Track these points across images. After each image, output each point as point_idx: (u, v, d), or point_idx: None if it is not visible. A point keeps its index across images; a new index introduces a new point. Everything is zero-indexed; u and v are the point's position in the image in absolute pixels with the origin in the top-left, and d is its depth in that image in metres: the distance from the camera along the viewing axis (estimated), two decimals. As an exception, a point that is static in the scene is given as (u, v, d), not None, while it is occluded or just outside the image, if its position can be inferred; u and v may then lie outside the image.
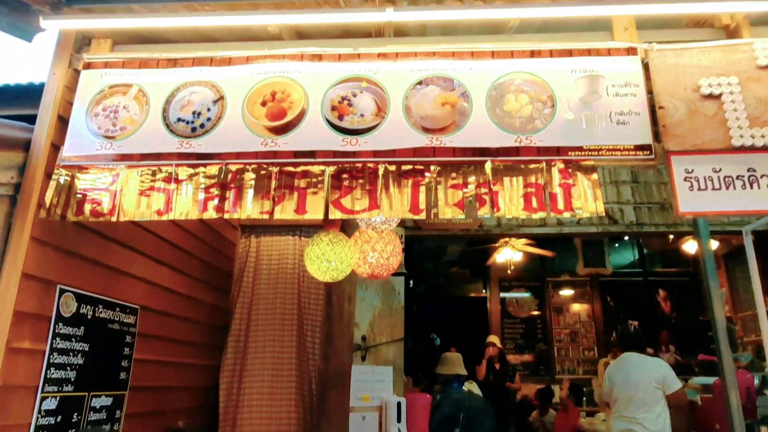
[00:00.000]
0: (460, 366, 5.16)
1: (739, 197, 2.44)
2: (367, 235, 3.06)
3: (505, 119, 2.61)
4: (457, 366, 5.14)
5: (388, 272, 3.08)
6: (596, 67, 2.67)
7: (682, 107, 2.53)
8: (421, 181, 2.55)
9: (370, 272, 3.07)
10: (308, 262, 2.96)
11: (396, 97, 2.69)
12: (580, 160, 2.54)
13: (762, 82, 2.53)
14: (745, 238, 3.45)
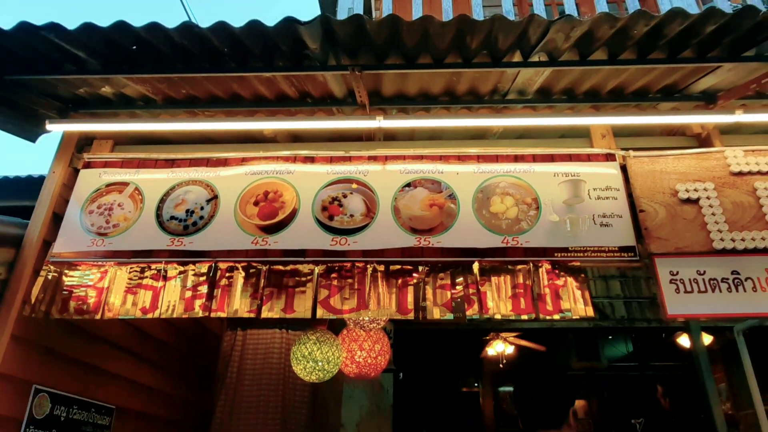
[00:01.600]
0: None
1: (726, 300, 2.46)
2: (354, 333, 3.02)
3: (492, 221, 2.68)
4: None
5: (376, 372, 3.00)
6: (577, 172, 2.79)
7: (662, 211, 2.61)
8: (410, 281, 2.56)
9: (358, 372, 2.98)
10: (294, 362, 2.88)
11: (385, 198, 2.77)
12: (566, 261, 2.58)
13: (737, 188, 2.64)
14: (737, 338, 3.43)
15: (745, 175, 2.67)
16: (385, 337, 3.11)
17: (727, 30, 2.21)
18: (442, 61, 2.50)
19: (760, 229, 2.52)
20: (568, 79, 2.67)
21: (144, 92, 2.92)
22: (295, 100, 2.95)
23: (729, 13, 2.06)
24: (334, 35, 2.35)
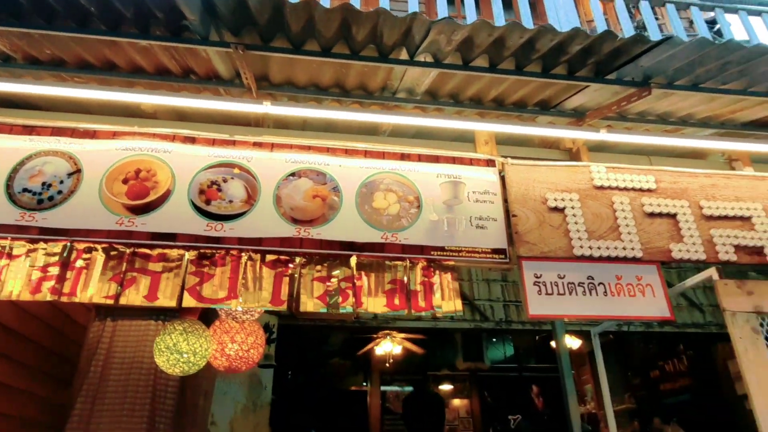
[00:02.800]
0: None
1: (582, 302, 2.66)
2: (227, 325, 2.89)
3: (373, 216, 2.69)
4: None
5: (248, 366, 2.89)
6: (459, 174, 2.88)
7: (533, 217, 2.77)
8: (286, 272, 2.50)
9: (228, 365, 2.85)
10: (157, 353, 2.69)
11: (267, 186, 2.68)
12: (442, 259, 2.65)
13: (598, 200, 2.86)
14: (593, 339, 3.72)
15: (606, 189, 2.90)
16: (260, 329, 3.01)
17: (592, 51, 2.40)
18: (329, 50, 2.46)
19: (614, 239, 2.75)
20: (454, 83, 2.75)
21: (1, 48, 2.60)
22: (177, 75, 2.78)
23: (592, 36, 2.23)
24: (214, 8, 2.23)
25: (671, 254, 2.75)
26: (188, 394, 3.28)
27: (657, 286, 2.72)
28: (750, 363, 2.34)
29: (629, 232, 2.78)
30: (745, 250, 2.79)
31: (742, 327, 2.43)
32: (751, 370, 2.32)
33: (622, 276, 2.73)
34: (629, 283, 2.72)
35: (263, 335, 3.02)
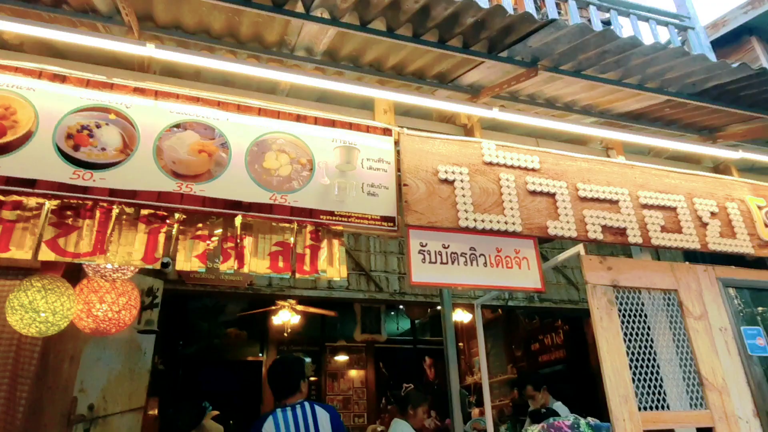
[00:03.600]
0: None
1: (463, 272, 2.76)
2: (96, 284, 2.68)
3: (263, 176, 2.60)
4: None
5: (118, 328, 2.71)
6: (354, 141, 2.85)
7: (423, 187, 2.81)
8: (162, 228, 2.35)
9: (95, 327, 2.66)
10: (9, 312, 2.44)
11: (148, 135, 2.49)
12: (331, 224, 2.62)
13: (486, 176, 2.97)
14: (476, 310, 3.91)
15: (494, 166, 3.01)
16: (134, 290, 2.83)
17: (484, 26, 2.46)
18: (219, -8, 2.30)
19: (498, 213, 2.87)
20: (353, 45, 2.71)
21: None
22: (47, 4, 2.47)
23: (484, 8, 2.28)
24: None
25: (548, 230, 2.93)
26: (51, 357, 3.02)
27: (532, 259, 2.90)
28: (603, 330, 2.57)
29: (512, 207, 2.92)
30: (610, 231, 3.03)
31: (600, 298, 2.65)
32: (604, 337, 2.55)
33: (502, 249, 2.87)
34: (508, 256, 2.86)
35: (137, 296, 2.84)
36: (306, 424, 3.08)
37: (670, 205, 3.23)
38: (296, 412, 3.10)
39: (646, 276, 2.85)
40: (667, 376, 2.75)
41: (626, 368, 2.52)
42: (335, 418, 3.11)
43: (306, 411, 3.12)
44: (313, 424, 3.08)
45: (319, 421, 3.11)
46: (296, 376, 3.16)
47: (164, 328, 5.16)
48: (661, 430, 2.77)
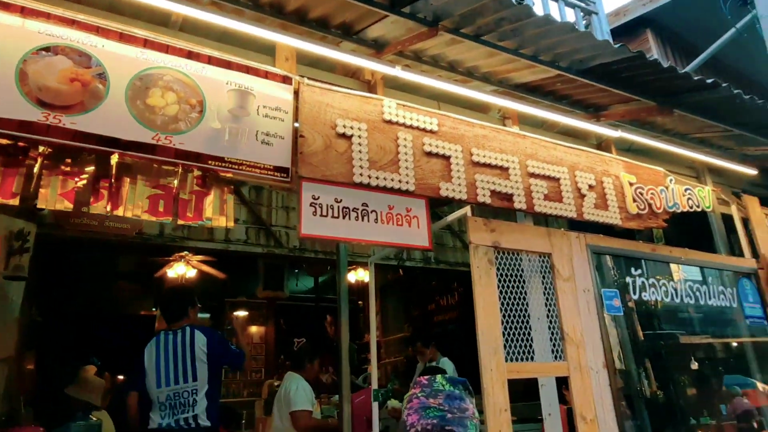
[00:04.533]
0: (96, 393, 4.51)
1: (354, 227, 2.78)
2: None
3: (146, 113, 2.42)
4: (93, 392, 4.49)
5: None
6: (251, 86, 2.73)
7: (320, 140, 2.77)
8: (22, 161, 2.13)
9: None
10: None
11: (9, 57, 2.21)
12: (219, 170, 2.52)
13: (384, 133, 2.98)
14: (369, 268, 3.98)
15: (393, 124, 3.03)
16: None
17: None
18: None
19: (392, 172, 2.91)
20: (251, -19, 2.57)
21: None
22: None
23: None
24: None
25: (440, 191, 3.02)
26: None
27: (423, 218, 2.98)
28: (482, 288, 2.72)
29: (407, 167, 2.96)
30: (498, 196, 3.18)
31: (481, 258, 2.80)
32: (481, 295, 2.71)
33: (394, 206, 2.91)
34: (399, 214, 2.92)
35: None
36: (183, 346, 3.18)
37: (555, 175, 3.44)
38: (177, 335, 3.24)
39: (525, 239, 3.04)
40: (537, 331, 2.98)
41: (498, 324, 2.70)
42: (212, 341, 3.24)
43: (186, 334, 3.22)
44: (190, 346, 3.18)
45: (196, 343, 3.20)
46: (184, 302, 3.40)
47: (41, 276, 4.77)
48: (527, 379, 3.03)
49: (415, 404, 1.52)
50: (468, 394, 1.54)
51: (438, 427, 1.45)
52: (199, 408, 3.12)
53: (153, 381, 3.17)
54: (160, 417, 3.15)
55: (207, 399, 3.16)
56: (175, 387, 3.11)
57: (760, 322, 4.04)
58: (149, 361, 3.22)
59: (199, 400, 3.13)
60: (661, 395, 3.85)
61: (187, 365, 3.14)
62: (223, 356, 3.35)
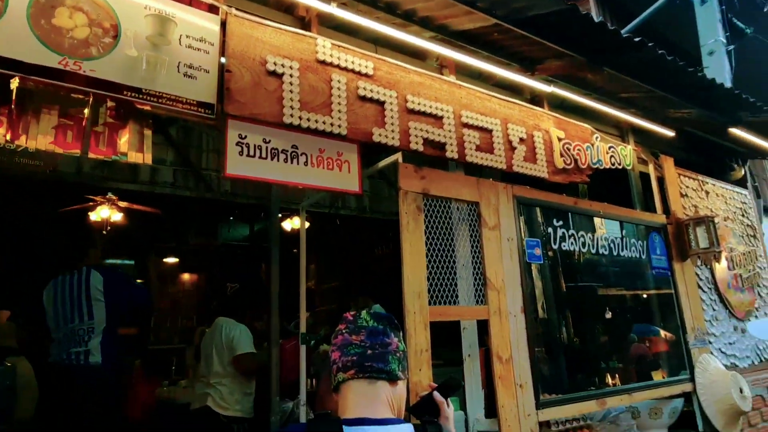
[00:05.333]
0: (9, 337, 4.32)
1: (283, 169, 2.72)
2: None
3: (52, 35, 2.20)
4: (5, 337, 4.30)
5: None
6: (174, 12, 2.53)
7: (248, 76, 2.63)
8: None
9: None
10: None
11: None
12: (136, 102, 2.35)
13: (317, 74, 2.88)
14: (300, 213, 3.94)
15: (327, 65, 2.93)
16: None
17: None
18: None
19: (324, 114, 2.83)
20: None
21: None
22: None
23: None
24: None
25: (372, 137, 2.98)
26: None
27: (354, 163, 2.95)
28: (409, 234, 2.76)
29: (340, 110, 2.89)
30: (431, 144, 3.18)
31: (410, 204, 2.82)
32: (408, 240, 2.75)
33: (325, 150, 2.86)
34: (330, 158, 2.88)
35: None
36: (79, 287, 3.31)
37: (488, 127, 3.48)
38: (73, 276, 3.34)
39: (454, 187, 3.09)
40: (462, 277, 3.09)
41: (424, 269, 2.77)
42: (109, 280, 3.38)
43: (82, 275, 3.34)
44: (85, 286, 3.31)
45: (92, 283, 3.33)
46: (83, 243, 3.46)
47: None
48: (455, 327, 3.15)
49: (338, 341, 1.52)
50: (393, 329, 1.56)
51: (357, 363, 1.46)
52: (92, 344, 3.29)
53: (52, 320, 3.31)
54: (57, 351, 3.29)
55: (104, 337, 3.33)
56: (71, 325, 3.31)
57: (664, 273, 4.38)
58: (48, 302, 3.42)
59: (94, 338, 3.31)
60: (578, 342, 4.13)
61: (83, 304, 3.34)
62: (123, 295, 3.50)
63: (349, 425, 1.35)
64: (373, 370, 1.44)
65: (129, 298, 3.62)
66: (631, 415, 3.88)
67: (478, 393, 3.04)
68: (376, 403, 1.42)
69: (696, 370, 4.08)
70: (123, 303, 3.54)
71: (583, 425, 3.48)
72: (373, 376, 1.44)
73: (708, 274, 4.76)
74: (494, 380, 2.84)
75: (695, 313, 4.38)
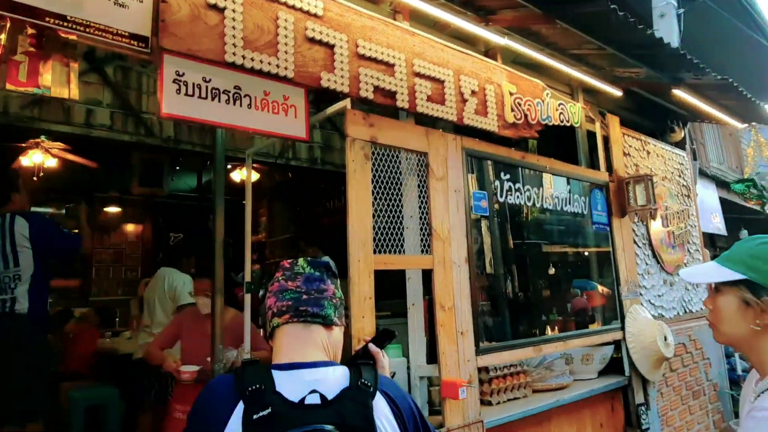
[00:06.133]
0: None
1: (225, 111, 2.59)
2: None
3: (-43, -53, 1.96)
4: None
5: None
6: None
7: (186, 8, 2.45)
8: None
9: None
10: None
11: None
12: (60, 30, 2.15)
13: (263, 11, 2.71)
14: (246, 160, 3.82)
15: (273, 2, 2.76)
16: None
17: None
18: None
19: (270, 55, 2.69)
20: None
21: None
22: None
23: None
24: None
25: (320, 82, 2.87)
26: None
27: (301, 108, 2.85)
28: (356, 182, 2.72)
29: (287, 51, 2.75)
30: (382, 92, 3.10)
31: (357, 152, 2.77)
32: (355, 188, 2.71)
33: (270, 92, 2.74)
34: (276, 101, 2.76)
35: None
36: (3, 233, 3.19)
37: (440, 77, 3.42)
38: None
39: (403, 137, 3.05)
40: (408, 227, 3.09)
41: (370, 217, 2.75)
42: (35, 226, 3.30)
43: (5, 221, 3.22)
44: (9, 233, 3.19)
45: (16, 229, 3.22)
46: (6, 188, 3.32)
47: None
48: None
49: (274, 288, 1.49)
50: (330, 276, 1.54)
51: (293, 308, 1.43)
52: (18, 292, 3.20)
53: None
54: None
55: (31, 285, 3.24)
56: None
57: (604, 228, 4.56)
58: None
59: (21, 285, 3.21)
60: (522, 296, 4.28)
61: (7, 251, 3.18)
62: (50, 242, 3.39)
63: (281, 370, 1.34)
64: (308, 314, 1.42)
65: (57, 246, 3.46)
66: (565, 362, 4.10)
67: (421, 340, 3.11)
68: (310, 347, 1.41)
69: (626, 320, 4.33)
70: (51, 250, 3.39)
71: (519, 371, 3.65)
72: (308, 320, 1.43)
73: (644, 231, 4.99)
74: (436, 328, 2.90)
75: (629, 266, 4.60)
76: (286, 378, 1.31)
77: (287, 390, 1.27)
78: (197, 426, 1.32)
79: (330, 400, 1.27)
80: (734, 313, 1.39)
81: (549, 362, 4.00)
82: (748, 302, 1.37)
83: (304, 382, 1.31)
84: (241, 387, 1.26)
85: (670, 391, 4.73)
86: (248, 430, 1.19)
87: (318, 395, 1.27)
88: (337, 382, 1.33)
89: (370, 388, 1.34)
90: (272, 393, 1.25)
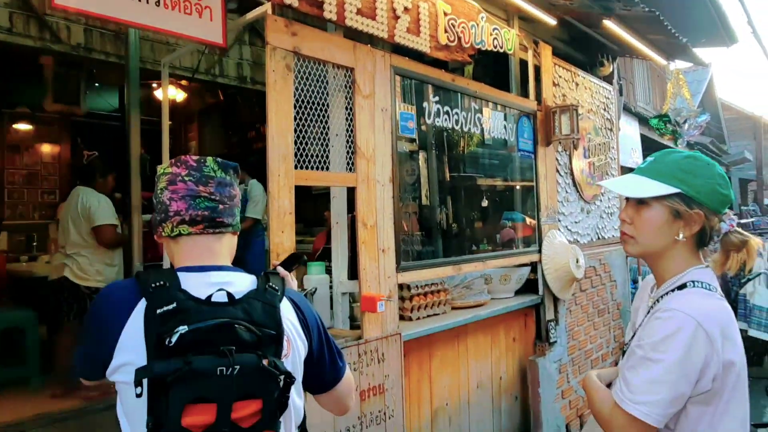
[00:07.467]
0: None
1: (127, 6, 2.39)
2: None
3: None
4: None
5: None
6: None
7: None
8: None
9: None
10: None
11: None
12: None
13: None
14: (162, 70, 3.58)
15: None
16: None
17: None
18: None
19: (181, -53, 2.46)
20: None
21: None
22: None
23: None
24: None
25: (239, -17, 2.68)
26: None
27: (217, 10, 2.66)
28: (276, 94, 2.61)
29: (201, -55, 2.53)
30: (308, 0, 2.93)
31: (278, 62, 2.63)
32: (275, 100, 2.60)
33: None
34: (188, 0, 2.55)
35: None
36: None
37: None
38: None
39: (328, 49, 2.92)
40: (333, 146, 3.04)
41: (291, 132, 2.67)
42: None
43: None
44: None
45: None
46: None
47: None
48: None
49: (181, 189, 1.37)
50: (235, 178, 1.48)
51: (208, 218, 1.37)
52: None
53: None
54: None
55: None
56: None
57: (528, 156, 4.69)
58: None
59: None
60: (456, 227, 4.39)
61: None
62: None
63: (187, 272, 1.31)
64: (223, 225, 1.40)
65: None
66: (484, 281, 4.31)
67: (344, 257, 3.15)
68: (220, 255, 1.40)
69: (543, 243, 4.56)
70: None
71: (440, 288, 3.80)
72: (221, 231, 1.40)
73: (566, 160, 5.18)
74: (358, 245, 2.94)
75: (550, 193, 4.80)
76: (193, 278, 1.29)
77: (193, 289, 1.24)
78: (94, 330, 1.28)
79: (238, 299, 1.26)
80: (662, 225, 1.41)
81: (469, 281, 4.19)
82: (680, 214, 1.39)
83: (210, 283, 1.29)
84: (144, 284, 1.22)
85: (579, 309, 5.12)
86: (152, 326, 1.17)
87: (225, 293, 1.26)
88: (245, 285, 1.33)
89: (277, 292, 1.35)
90: (177, 290, 1.23)
